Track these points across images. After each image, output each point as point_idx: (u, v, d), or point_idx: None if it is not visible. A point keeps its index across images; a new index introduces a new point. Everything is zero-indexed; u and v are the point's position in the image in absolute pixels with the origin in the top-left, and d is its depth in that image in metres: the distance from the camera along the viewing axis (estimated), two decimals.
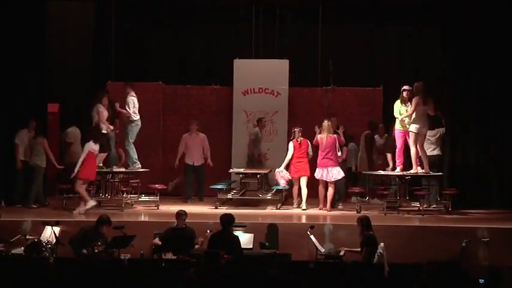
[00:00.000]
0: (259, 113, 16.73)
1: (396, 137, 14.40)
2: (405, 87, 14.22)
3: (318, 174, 14.46)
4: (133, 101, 14.85)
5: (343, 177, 14.70)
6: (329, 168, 14.40)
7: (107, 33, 17.34)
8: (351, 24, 17.61)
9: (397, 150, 14.40)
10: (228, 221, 11.22)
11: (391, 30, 17.72)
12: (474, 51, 14.84)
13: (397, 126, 14.34)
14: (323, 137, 14.47)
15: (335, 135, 14.58)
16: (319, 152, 14.53)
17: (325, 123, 14.55)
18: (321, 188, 14.52)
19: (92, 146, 13.81)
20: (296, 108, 16.90)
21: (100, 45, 17.49)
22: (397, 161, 14.39)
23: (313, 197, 14.70)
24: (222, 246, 10.50)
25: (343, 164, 14.90)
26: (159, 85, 17.14)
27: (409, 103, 14.12)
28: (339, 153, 14.51)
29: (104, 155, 14.58)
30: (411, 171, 14.19)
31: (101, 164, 14.50)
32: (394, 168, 14.57)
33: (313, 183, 14.69)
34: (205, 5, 17.33)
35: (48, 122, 15.62)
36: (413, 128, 13.99)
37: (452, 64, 15.18)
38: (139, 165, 14.93)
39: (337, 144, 14.46)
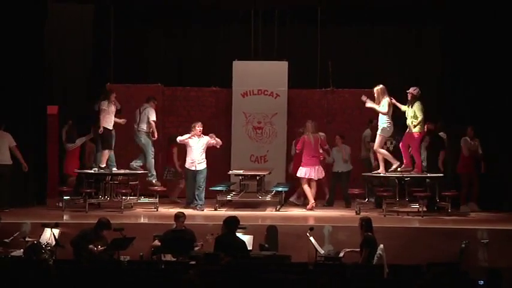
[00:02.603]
0: (258, 115, 16.74)
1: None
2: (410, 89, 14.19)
3: (306, 173, 14.73)
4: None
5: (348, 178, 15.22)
6: (316, 167, 14.75)
7: (106, 36, 17.34)
8: (350, 26, 17.61)
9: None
10: (233, 224, 11.18)
11: (390, 31, 17.71)
12: (474, 52, 14.87)
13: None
14: (309, 137, 14.71)
15: (318, 135, 14.88)
16: (306, 151, 14.75)
17: (309, 123, 14.86)
18: (306, 187, 14.80)
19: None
20: (295, 110, 16.90)
21: (99, 48, 17.49)
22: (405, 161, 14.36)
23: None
24: (228, 249, 10.50)
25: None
26: (158, 87, 17.13)
27: (411, 105, 14.08)
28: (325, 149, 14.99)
29: (108, 153, 14.59)
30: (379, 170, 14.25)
31: (104, 165, 14.52)
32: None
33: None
34: (205, 7, 17.33)
35: (48, 124, 15.62)
36: (384, 131, 14.06)
37: (451, 65, 15.19)
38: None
39: (319, 143, 14.85)
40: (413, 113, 14.01)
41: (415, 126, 13.98)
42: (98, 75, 17.29)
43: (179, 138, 14.78)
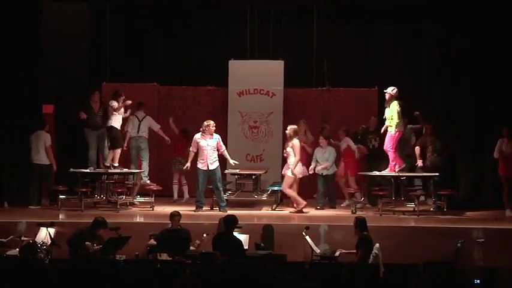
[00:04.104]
0: (254, 114, 16.74)
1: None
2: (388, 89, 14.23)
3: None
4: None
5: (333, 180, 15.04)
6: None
7: (102, 34, 17.33)
8: (346, 25, 17.59)
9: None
10: (232, 223, 11.18)
11: (386, 30, 17.69)
12: (469, 51, 14.85)
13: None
14: None
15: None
16: None
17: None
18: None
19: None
20: (291, 109, 16.88)
21: (95, 46, 17.46)
22: (393, 163, 14.35)
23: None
24: (225, 248, 10.50)
25: None
26: (154, 86, 17.13)
27: (388, 105, 14.11)
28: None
29: (119, 151, 14.64)
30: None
31: (116, 164, 14.57)
32: None
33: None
34: (201, 6, 17.32)
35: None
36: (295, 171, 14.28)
37: (447, 64, 15.17)
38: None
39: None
40: (390, 114, 14.04)
41: (391, 127, 14.01)
42: (94, 74, 17.26)
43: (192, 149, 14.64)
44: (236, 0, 17.22)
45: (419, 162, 14.53)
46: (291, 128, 14.51)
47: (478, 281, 8.40)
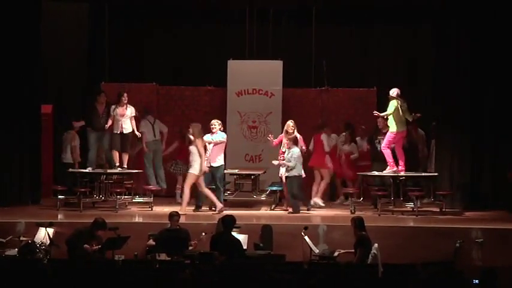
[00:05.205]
0: (253, 114, 16.74)
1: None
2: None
3: None
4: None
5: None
6: None
7: (101, 34, 17.33)
8: (344, 25, 17.62)
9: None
10: (230, 223, 11.20)
11: (384, 30, 17.71)
12: (468, 51, 14.84)
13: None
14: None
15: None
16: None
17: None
18: None
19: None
20: (290, 109, 16.88)
21: (94, 46, 17.47)
22: (391, 160, 14.36)
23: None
24: (224, 248, 10.51)
25: None
26: (153, 86, 17.13)
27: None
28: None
29: (126, 155, 14.70)
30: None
31: (124, 165, 14.60)
32: None
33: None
34: (200, 6, 17.32)
35: (42, 123, 15.61)
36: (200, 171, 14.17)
37: (446, 64, 15.16)
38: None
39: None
40: (387, 114, 14.10)
41: (388, 126, 14.05)
42: (93, 74, 17.26)
43: (209, 140, 14.59)
44: (235, 0, 17.21)
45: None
46: (195, 126, 14.41)
47: (477, 281, 8.40)
